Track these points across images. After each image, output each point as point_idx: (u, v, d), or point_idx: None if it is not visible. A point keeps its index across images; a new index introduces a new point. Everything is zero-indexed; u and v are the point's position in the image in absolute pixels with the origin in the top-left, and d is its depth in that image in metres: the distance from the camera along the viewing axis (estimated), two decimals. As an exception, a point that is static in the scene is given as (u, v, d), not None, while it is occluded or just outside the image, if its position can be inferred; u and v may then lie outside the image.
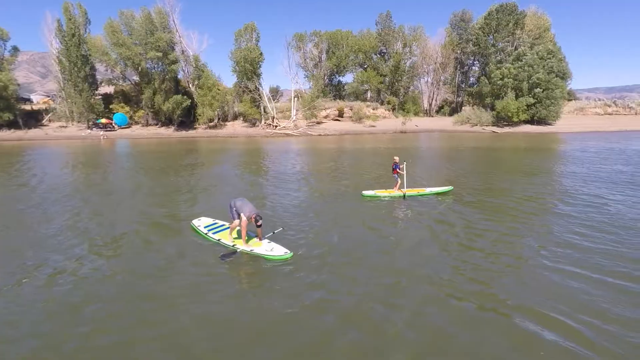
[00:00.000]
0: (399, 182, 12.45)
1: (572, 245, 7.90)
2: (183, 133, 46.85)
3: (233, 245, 7.71)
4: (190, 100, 47.41)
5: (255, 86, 49.24)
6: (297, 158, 25.08)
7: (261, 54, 48.93)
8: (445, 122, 55.38)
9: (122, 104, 49.89)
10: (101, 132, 43.28)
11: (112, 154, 29.55)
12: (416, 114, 61.37)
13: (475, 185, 14.52)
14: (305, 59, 64.42)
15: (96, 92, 48.72)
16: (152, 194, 13.84)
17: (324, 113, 55.33)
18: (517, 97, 47.68)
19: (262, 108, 50.42)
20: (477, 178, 16.18)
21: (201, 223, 8.99)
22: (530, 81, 46.96)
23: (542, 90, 46.68)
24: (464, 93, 63.92)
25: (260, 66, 49.33)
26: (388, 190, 12.68)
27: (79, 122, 47.51)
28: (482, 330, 5.00)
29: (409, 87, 65.67)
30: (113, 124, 47.23)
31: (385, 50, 63.20)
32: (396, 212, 10.96)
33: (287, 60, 59.61)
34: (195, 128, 48.93)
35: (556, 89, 46.91)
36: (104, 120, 46.62)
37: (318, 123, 52.33)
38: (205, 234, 8.40)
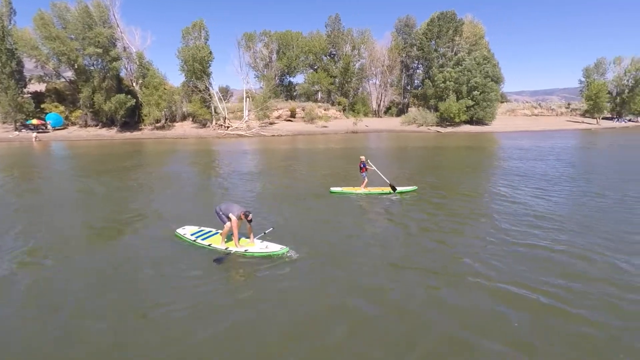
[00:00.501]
0: (366, 180, 12.95)
1: (535, 226, 8.93)
2: (127, 134, 44.18)
3: (226, 249, 7.48)
4: (134, 100, 44.84)
5: (206, 86, 47.82)
6: (259, 158, 24.94)
7: (210, 52, 47.66)
8: (393, 123, 57.83)
9: (55, 104, 45.91)
10: (33, 134, 39.43)
11: (48, 157, 27.14)
12: (366, 114, 63.31)
13: (434, 182, 15.54)
14: (255, 59, 63.74)
15: (24, 89, 44.30)
16: (112, 199, 13.08)
17: (276, 114, 55.22)
18: (457, 99, 51.22)
19: (212, 108, 49.09)
20: (434, 175, 17.29)
21: (186, 231, 8.38)
22: (469, 85, 50.70)
23: (479, 93, 50.62)
24: (409, 95, 67.18)
25: (209, 65, 48.02)
26: (355, 187, 13.15)
27: (4, 122, 42.93)
28: (489, 303, 5.55)
29: (358, 89, 67.58)
30: (46, 125, 43.24)
31: (335, 52, 64.49)
32: (374, 208, 11.39)
33: (239, 60, 58.49)
34: (140, 129, 46.36)
35: (491, 92, 51.17)
36: (35, 121, 42.48)
37: (271, 124, 52.08)
38: (194, 240, 7.94)
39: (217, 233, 8.19)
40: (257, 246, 7.50)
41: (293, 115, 56.62)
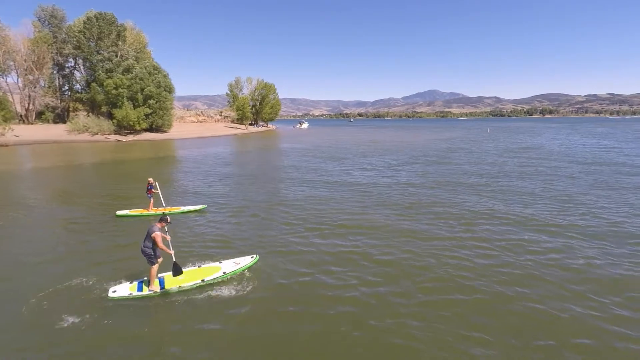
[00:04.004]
0: (153, 200, 12.62)
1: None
2: None
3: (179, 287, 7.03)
4: None
5: None
6: None
7: None
8: (56, 131, 49.03)
9: None
10: None
11: None
12: (7, 120, 49.33)
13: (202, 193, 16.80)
14: None
15: None
16: None
17: None
18: (135, 107, 50.54)
19: None
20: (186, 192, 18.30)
21: (129, 291, 6.83)
22: (143, 93, 51.15)
23: (155, 101, 52.25)
24: (69, 99, 58.35)
25: None
26: (142, 209, 12.63)
27: None
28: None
29: (-10, 87, 51.45)
30: None
31: (-64, 33, 45.60)
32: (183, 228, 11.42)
33: None
34: None
35: (166, 101, 54.13)
36: None
37: None
38: (155, 292, 6.89)
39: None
40: (228, 265, 7.56)
41: None
